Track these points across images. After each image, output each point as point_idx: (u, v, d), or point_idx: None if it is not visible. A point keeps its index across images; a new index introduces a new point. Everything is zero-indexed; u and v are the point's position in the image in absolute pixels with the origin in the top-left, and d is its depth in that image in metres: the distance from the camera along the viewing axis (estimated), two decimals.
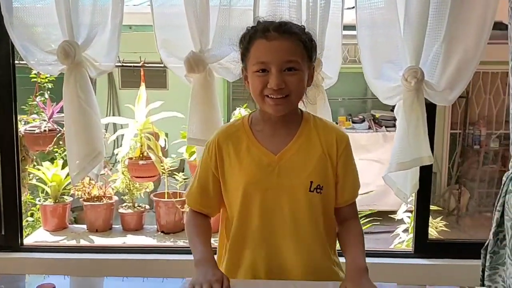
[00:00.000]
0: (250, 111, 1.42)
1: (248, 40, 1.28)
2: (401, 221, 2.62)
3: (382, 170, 2.02)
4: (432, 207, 2.70)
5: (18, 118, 2.29)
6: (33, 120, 3.01)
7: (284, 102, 1.26)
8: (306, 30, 1.31)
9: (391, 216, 2.99)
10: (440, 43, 1.85)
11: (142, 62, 2.67)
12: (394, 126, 3.01)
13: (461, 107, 5.83)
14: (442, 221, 2.81)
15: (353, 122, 5.81)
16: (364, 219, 3.03)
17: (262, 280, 1.31)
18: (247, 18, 1.83)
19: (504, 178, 1.88)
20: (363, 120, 5.87)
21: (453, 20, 1.82)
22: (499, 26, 2.08)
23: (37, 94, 3.15)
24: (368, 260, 2.19)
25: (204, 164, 1.38)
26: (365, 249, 1.35)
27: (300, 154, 1.32)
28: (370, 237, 4.75)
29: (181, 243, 2.60)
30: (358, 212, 1.44)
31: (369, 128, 5.82)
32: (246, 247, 1.34)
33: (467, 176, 5.89)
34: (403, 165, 1.86)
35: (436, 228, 2.68)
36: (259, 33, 1.26)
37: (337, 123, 5.80)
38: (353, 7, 1.89)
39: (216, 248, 1.44)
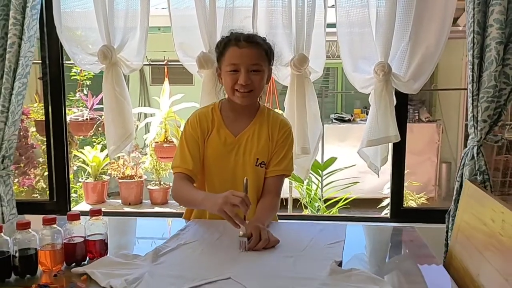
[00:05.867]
0: (220, 99, 1.73)
1: (223, 46, 1.60)
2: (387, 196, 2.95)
3: None
4: (414, 183, 3.01)
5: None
6: (73, 112, 3.41)
7: (248, 95, 1.58)
8: (267, 41, 1.63)
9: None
10: (406, 41, 2.08)
11: (165, 61, 3.08)
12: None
13: None
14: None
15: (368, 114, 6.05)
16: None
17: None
18: (246, 21, 2.11)
19: (462, 154, 2.16)
20: None
21: (417, 20, 2.05)
22: None
23: (78, 89, 3.61)
24: (352, 224, 2.51)
25: (189, 136, 1.64)
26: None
27: (252, 137, 1.65)
28: None
29: None
30: None
31: None
32: None
33: None
34: (373, 142, 2.14)
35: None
36: (232, 41, 1.57)
37: (352, 115, 6.09)
38: (332, 6, 2.12)
39: None
